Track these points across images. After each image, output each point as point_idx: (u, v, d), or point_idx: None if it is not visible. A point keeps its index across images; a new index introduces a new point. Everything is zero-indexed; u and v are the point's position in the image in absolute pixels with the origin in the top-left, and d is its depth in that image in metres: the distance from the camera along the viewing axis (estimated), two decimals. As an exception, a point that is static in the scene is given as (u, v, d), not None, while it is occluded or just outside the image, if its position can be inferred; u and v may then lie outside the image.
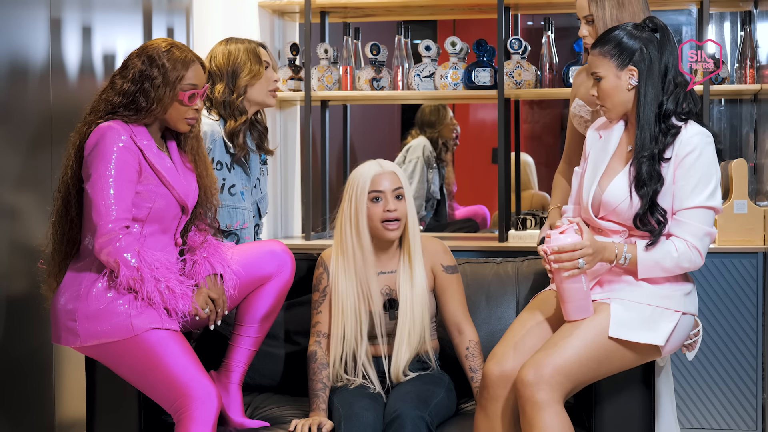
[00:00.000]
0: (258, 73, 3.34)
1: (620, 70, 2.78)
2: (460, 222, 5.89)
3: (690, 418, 4.33)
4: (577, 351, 2.69)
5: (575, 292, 2.71)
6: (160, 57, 2.80)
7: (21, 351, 3.41)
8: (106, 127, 2.76)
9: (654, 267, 2.74)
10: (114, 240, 2.69)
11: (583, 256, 2.68)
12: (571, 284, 2.71)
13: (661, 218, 2.74)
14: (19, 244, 3.40)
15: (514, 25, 4.96)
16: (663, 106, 2.75)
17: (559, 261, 2.68)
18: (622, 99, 2.80)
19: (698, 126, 2.78)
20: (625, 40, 2.77)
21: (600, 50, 2.80)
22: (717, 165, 2.77)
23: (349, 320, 3.02)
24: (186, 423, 2.70)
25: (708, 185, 2.73)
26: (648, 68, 2.75)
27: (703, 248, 2.74)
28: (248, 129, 3.40)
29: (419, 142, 5.69)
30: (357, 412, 2.86)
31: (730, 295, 4.27)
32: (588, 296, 2.73)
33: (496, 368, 2.78)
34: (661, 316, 2.74)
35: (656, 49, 2.76)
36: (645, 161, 2.74)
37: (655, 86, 2.76)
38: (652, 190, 2.73)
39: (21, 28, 3.43)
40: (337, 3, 4.73)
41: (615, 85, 2.79)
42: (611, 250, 2.73)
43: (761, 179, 4.69)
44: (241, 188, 3.37)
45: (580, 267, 2.68)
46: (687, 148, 2.73)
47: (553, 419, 2.64)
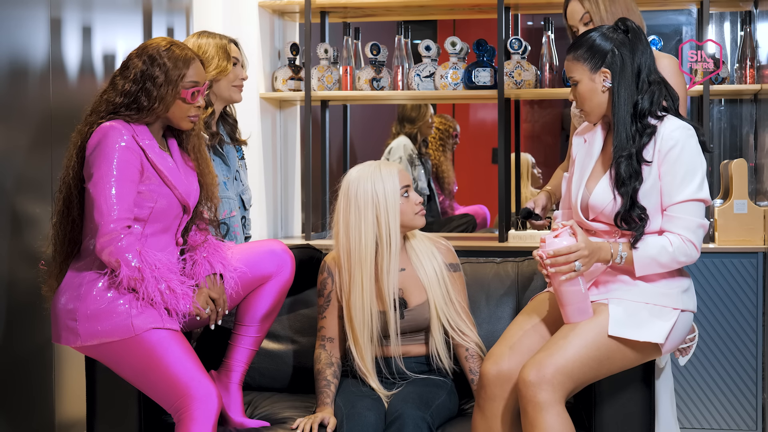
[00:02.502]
0: (224, 69, 3.36)
1: (594, 73, 2.80)
2: (458, 218, 5.89)
3: (690, 418, 4.33)
4: (578, 351, 2.69)
5: (573, 294, 2.71)
6: (161, 56, 2.81)
7: (21, 351, 3.41)
8: (108, 127, 2.76)
9: (650, 263, 2.74)
10: (116, 240, 2.69)
11: (579, 258, 2.68)
12: (569, 287, 2.71)
13: (642, 215, 2.74)
14: (19, 244, 3.40)
15: (514, 25, 4.97)
16: (638, 106, 2.77)
17: (556, 264, 2.68)
18: (598, 101, 2.82)
19: (678, 120, 2.78)
20: (596, 43, 2.80)
21: (573, 55, 2.82)
22: (702, 157, 2.77)
23: (366, 322, 3.02)
24: (186, 423, 2.70)
25: (694, 178, 2.73)
26: (621, 69, 2.78)
27: (697, 241, 2.74)
28: (220, 121, 3.46)
29: (399, 142, 5.72)
30: (359, 412, 2.87)
31: (730, 295, 4.27)
32: (586, 298, 2.73)
33: (493, 368, 2.79)
34: (660, 314, 2.75)
35: (628, 50, 2.78)
36: (623, 161, 2.75)
37: (628, 86, 2.77)
38: (631, 188, 2.74)
39: (21, 28, 3.43)
40: (337, 3, 4.73)
41: (590, 88, 2.81)
42: (606, 250, 2.74)
43: (761, 179, 4.69)
44: (222, 178, 3.39)
45: (577, 269, 2.68)
46: (669, 143, 2.74)
47: (554, 420, 2.64)
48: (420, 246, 3.10)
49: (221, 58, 3.36)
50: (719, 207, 4.35)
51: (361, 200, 3.01)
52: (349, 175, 3.06)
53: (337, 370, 3.05)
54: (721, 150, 5.62)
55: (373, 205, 3.00)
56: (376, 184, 3.01)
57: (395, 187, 3.01)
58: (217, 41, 3.38)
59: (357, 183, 3.03)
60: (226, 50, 3.38)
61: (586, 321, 2.73)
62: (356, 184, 3.03)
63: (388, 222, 3.00)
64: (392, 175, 3.03)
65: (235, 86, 3.42)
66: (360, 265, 3.01)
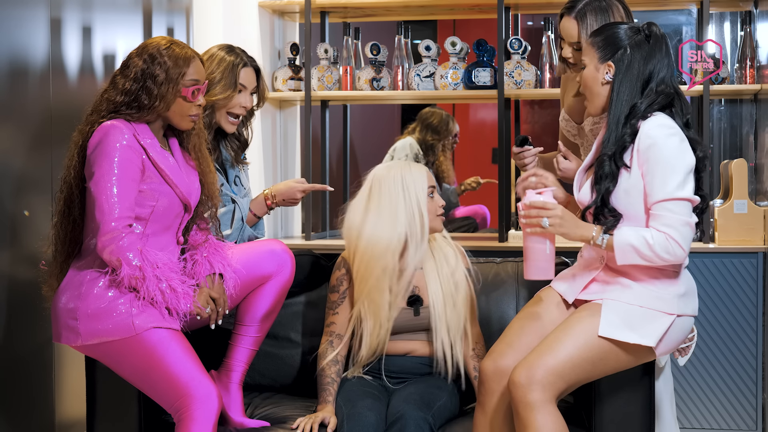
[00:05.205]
0: (228, 97, 3.23)
1: (600, 63, 2.82)
2: (460, 220, 5.89)
3: (690, 418, 4.33)
4: (569, 352, 2.69)
5: (536, 252, 2.75)
6: (161, 54, 2.81)
7: (21, 351, 3.41)
8: (109, 126, 2.77)
9: (630, 252, 2.71)
10: (117, 239, 2.69)
11: (549, 217, 2.71)
12: (534, 243, 2.75)
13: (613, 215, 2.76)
14: (19, 244, 3.40)
15: (514, 25, 4.97)
16: (635, 108, 2.77)
17: (527, 217, 2.73)
18: (596, 91, 2.83)
19: (662, 118, 2.76)
20: (613, 37, 2.81)
21: (592, 40, 2.85)
22: (684, 155, 2.73)
23: (381, 318, 3.02)
24: (186, 423, 2.71)
25: (674, 176, 2.70)
26: (626, 68, 2.78)
27: (682, 239, 2.69)
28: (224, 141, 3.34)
29: (405, 142, 5.70)
30: (360, 412, 2.87)
31: (730, 295, 4.27)
32: (549, 259, 2.76)
33: (491, 364, 2.81)
34: (654, 318, 2.74)
35: (642, 54, 2.78)
36: (606, 159, 2.76)
37: (630, 88, 2.78)
38: (604, 188, 2.75)
39: (21, 28, 3.43)
40: (337, 3, 4.73)
41: (593, 76, 2.83)
42: (589, 229, 2.75)
43: (761, 179, 4.69)
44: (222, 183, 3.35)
45: (543, 226, 2.71)
46: (646, 142, 2.73)
47: (545, 419, 2.66)
48: (441, 247, 3.12)
49: (227, 84, 3.23)
50: (719, 207, 4.35)
51: (393, 188, 3.03)
52: (376, 168, 3.10)
53: (341, 369, 3.06)
54: (721, 150, 5.62)
55: (405, 193, 3.04)
56: (406, 176, 3.05)
57: (423, 184, 3.06)
58: (232, 60, 3.24)
59: (387, 172, 3.06)
60: (235, 74, 3.24)
61: (579, 322, 2.74)
62: (385, 173, 3.06)
63: (421, 214, 3.03)
64: (421, 172, 3.07)
65: (230, 113, 3.25)
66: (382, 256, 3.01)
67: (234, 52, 3.28)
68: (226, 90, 3.23)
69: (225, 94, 3.22)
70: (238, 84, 3.26)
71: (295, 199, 3.36)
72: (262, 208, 3.36)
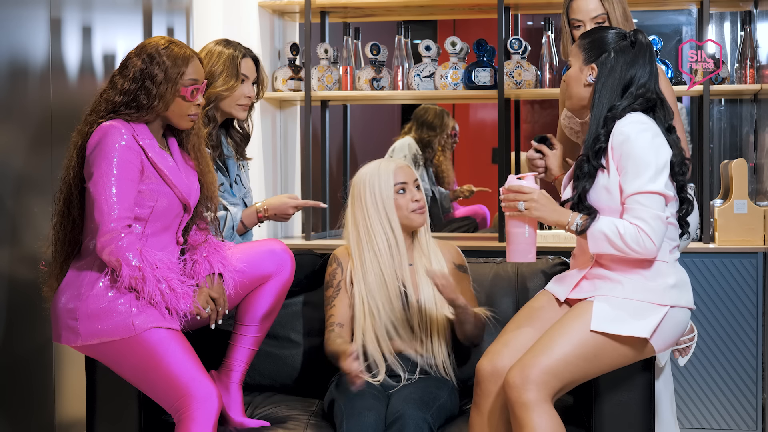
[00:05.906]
0: (231, 87, 3.27)
1: (585, 64, 2.87)
2: (460, 220, 5.89)
3: (690, 418, 4.33)
4: (563, 350, 2.70)
5: (515, 235, 2.84)
6: (160, 54, 2.81)
7: (21, 351, 3.41)
8: (108, 126, 2.77)
9: (602, 239, 2.74)
10: (116, 239, 2.69)
11: (525, 201, 2.78)
12: (514, 228, 2.84)
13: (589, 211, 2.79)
14: (19, 244, 3.40)
15: (514, 25, 4.97)
16: (613, 109, 2.80)
17: (506, 200, 2.82)
18: (578, 92, 2.88)
19: (636, 116, 2.80)
20: (600, 41, 2.86)
21: (580, 41, 2.90)
22: (658, 150, 2.75)
23: (374, 314, 3.04)
24: (186, 423, 2.71)
25: (646, 170, 2.73)
26: (609, 72, 2.83)
27: (652, 233, 2.71)
28: (226, 134, 3.38)
29: (404, 141, 5.70)
30: (359, 412, 2.87)
31: (730, 295, 4.27)
32: (529, 243, 2.84)
33: (488, 365, 2.81)
34: (646, 310, 2.75)
35: (625, 60, 2.82)
36: (584, 159, 2.81)
37: (611, 91, 2.82)
38: (581, 187, 2.80)
39: (21, 28, 3.43)
40: (337, 3, 4.73)
41: (576, 77, 2.88)
42: (565, 215, 2.80)
43: (761, 179, 4.69)
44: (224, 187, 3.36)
45: (519, 209, 2.79)
46: (619, 138, 2.77)
47: (541, 419, 2.66)
48: (427, 245, 3.15)
49: (229, 75, 3.27)
50: (719, 207, 4.35)
51: (362, 195, 3.12)
52: (358, 171, 3.18)
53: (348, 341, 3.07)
54: (721, 150, 5.62)
55: (372, 199, 3.11)
56: (372, 180, 3.12)
57: (389, 183, 3.10)
58: (231, 52, 3.29)
59: (359, 178, 3.15)
60: (236, 65, 3.29)
61: (572, 320, 2.75)
62: (358, 179, 3.15)
63: (387, 216, 3.10)
64: (388, 171, 3.12)
65: (239, 104, 3.32)
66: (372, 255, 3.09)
67: (231, 44, 3.33)
68: (229, 81, 3.27)
69: (228, 85, 3.27)
70: (240, 74, 3.30)
71: (286, 215, 3.38)
72: (252, 220, 3.38)
